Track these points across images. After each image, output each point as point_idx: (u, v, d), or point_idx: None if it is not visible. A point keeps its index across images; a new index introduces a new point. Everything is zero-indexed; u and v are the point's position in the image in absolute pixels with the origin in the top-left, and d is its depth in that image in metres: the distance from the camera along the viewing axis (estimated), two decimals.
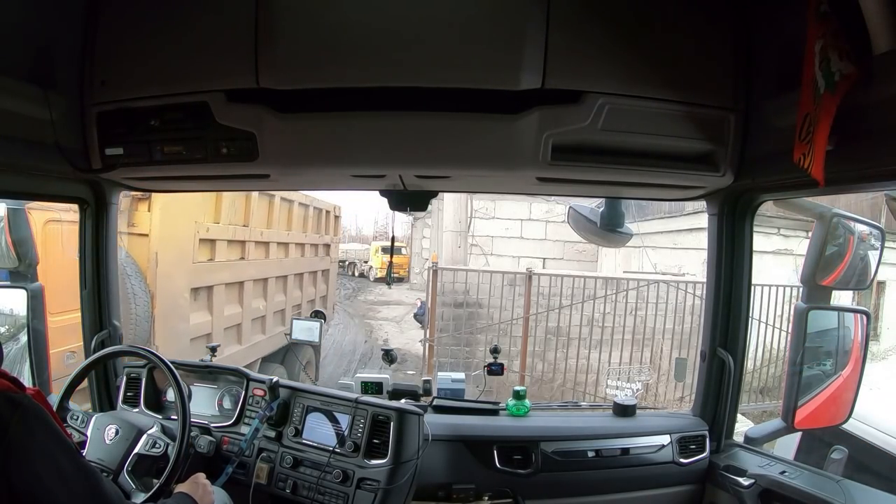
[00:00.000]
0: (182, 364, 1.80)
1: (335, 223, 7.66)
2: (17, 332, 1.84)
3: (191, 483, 1.33)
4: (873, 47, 0.95)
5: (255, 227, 4.96)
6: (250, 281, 4.94)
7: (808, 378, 1.65)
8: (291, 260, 5.93)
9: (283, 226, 5.68)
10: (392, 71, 1.19)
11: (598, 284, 5.86)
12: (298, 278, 6.26)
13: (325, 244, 7.18)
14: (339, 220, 7.85)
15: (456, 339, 6.17)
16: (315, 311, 1.99)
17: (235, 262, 4.70)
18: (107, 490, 0.99)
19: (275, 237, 5.41)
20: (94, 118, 1.38)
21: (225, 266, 4.51)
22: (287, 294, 5.86)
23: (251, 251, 4.94)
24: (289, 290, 5.92)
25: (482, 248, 9.21)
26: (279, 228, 5.53)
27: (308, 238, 6.47)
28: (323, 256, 7.18)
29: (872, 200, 5.84)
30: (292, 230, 5.89)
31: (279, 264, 5.60)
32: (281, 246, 5.63)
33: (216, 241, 4.34)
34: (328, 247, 7.37)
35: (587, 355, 5.75)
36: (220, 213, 4.41)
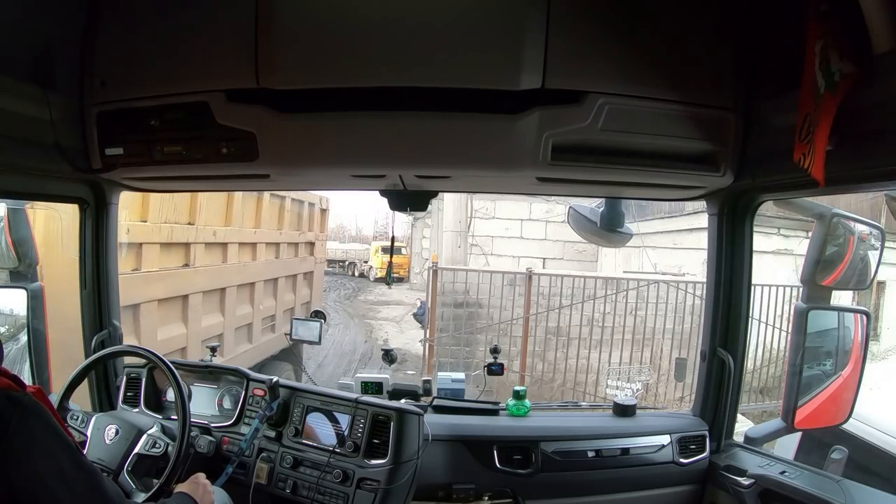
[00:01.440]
0: (182, 364, 1.80)
1: (321, 217, 6.75)
2: (17, 331, 1.84)
3: (191, 483, 1.33)
4: (873, 47, 0.95)
5: (206, 225, 4.10)
6: (198, 293, 4.10)
7: (808, 378, 1.65)
8: (260, 264, 5.10)
9: (249, 222, 4.89)
10: (392, 71, 1.19)
11: (598, 284, 5.86)
12: (271, 284, 5.43)
13: (307, 242, 6.34)
14: (325, 214, 6.91)
15: (456, 339, 6.17)
16: (315, 311, 1.98)
17: (175, 270, 3.86)
18: (107, 489, 0.98)
19: (235, 237, 4.56)
20: (94, 118, 1.38)
21: (157, 277, 3.62)
22: (255, 305, 5.02)
23: (199, 255, 4.07)
24: (257, 299, 5.07)
25: (482, 248, 9.20)
26: (244, 226, 4.75)
27: (284, 236, 5.64)
28: (305, 257, 6.30)
29: (872, 200, 5.84)
30: (261, 227, 5.08)
31: (241, 270, 4.71)
32: (245, 247, 4.79)
33: (143, 246, 3.50)
34: (312, 245, 6.50)
35: (587, 355, 5.74)
36: (149, 208, 3.56)
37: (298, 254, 6.15)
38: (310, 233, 6.42)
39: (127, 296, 3.03)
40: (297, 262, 6.12)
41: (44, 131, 1.30)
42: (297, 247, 6.09)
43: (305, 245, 6.32)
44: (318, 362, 7.84)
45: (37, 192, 1.63)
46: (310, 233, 6.42)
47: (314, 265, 6.71)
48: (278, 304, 5.56)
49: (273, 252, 5.44)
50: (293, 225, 5.93)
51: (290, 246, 5.87)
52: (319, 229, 6.81)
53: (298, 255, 6.14)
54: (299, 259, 6.16)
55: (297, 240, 6.07)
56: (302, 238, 6.18)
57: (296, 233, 6.02)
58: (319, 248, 6.92)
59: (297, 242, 6.06)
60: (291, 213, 5.83)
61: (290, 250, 5.90)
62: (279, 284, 5.59)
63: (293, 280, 6.03)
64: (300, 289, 6.24)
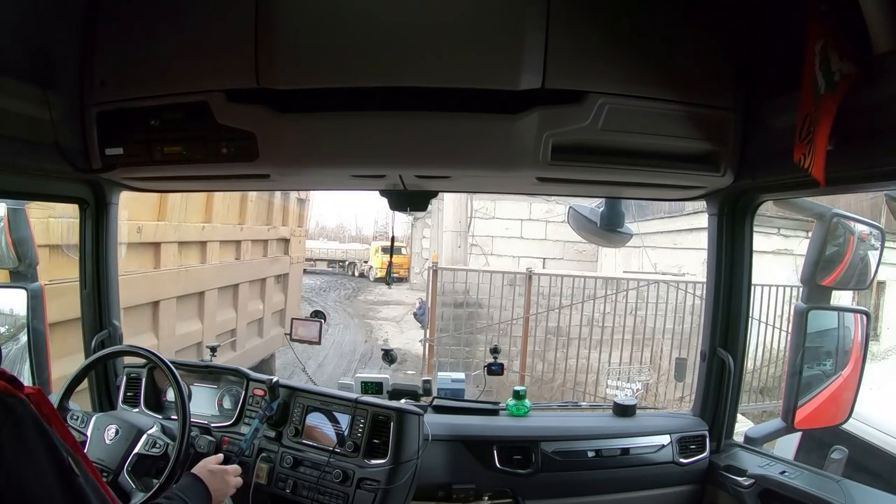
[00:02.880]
0: (182, 364, 1.80)
1: (299, 210, 5.84)
2: (16, 332, 1.84)
3: (209, 472, 1.30)
4: (873, 47, 0.95)
5: (132, 218, 3.23)
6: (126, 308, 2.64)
7: (808, 378, 1.65)
8: (213, 268, 4.11)
9: (198, 216, 3.93)
10: (392, 71, 1.19)
11: (598, 284, 5.86)
12: (228, 293, 4.43)
13: (279, 239, 5.42)
14: (305, 206, 5.99)
15: (456, 339, 6.17)
16: (315, 311, 1.98)
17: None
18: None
19: (172, 235, 3.59)
20: (94, 118, 1.38)
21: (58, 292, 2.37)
22: (205, 319, 4.03)
23: (128, 258, 3.21)
24: (208, 311, 4.08)
25: (482, 248, 9.20)
26: (186, 220, 3.78)
27: (247, 232, 4.66)
28: (276, 256, 5.36)
29: (872, 200, 5.83)
30: (213, 222, 4.12)
31: (184, 277, 3.66)
32: (190, 246, 3.80)
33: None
34: (286, 242, 5.58)
35: (587, 355, 5.74)
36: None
37: (268, 253, 5.22)
38: (283, 228, 5.48)
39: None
40: (266, 264, 5.18)
41: (44, 131, 1.30)
42: (266, 245, 5.17)
43: (277, 242, 5.41)
44: (318, 362, 7.84)
45: (37, 192, 1.63)
46: (283, 228, 5.48)
47: (289, 266, 5.69)
48: (240, 316, 4.49)
49: (232, 252, 4.48)
50: (260, 218, 5.00)
51: (255, 244, 4.93)
52: (297, 223, 5.85)
53: (268, 255, 5.22)
54: (269, 260, 5.24)
55: (266, 236, 5.15)
56: (272, 234, 5.26)
57: (264, 228, 5.09)
58: (297, 245, 5.88)
59: (265, 239, 5.14)
60: (257, 203, 4.85)
61: (255, 249, 4.97)
62: (240, 292, 4.55)
63: (260, 285, 5.06)
64: (271, 295, 5.28)
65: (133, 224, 3.33)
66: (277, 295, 5.50)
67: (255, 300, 4.98)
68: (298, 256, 6.13)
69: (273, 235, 5.29)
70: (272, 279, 5.31)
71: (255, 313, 4.97)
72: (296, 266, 6.02)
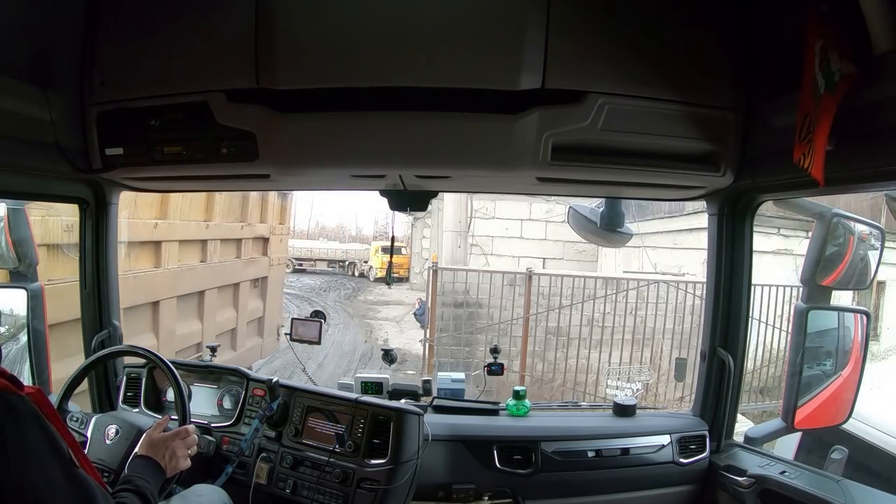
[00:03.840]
0: (182, 364, 1.80)
1: (280, 204, 5.23)
2: (16, 331, 1.84)
3: (149, 444, 1.24)
4: (873, 47, 0.95)
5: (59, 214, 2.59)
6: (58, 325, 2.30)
7: (808, 378, 1.65)
8: (170, 272, 3.46)
9: (152, 211, 3.35)
10: (392, 71, 1.19)
11: (598, 284, 5.86)
12: (193, 300, 3.81)
13: (256, 238, 4.83)
14: (287, 200, 5.41)
15: (456, 339, 6.16)
16: (315, 311, 1.98)
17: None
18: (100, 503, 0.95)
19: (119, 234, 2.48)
20: (94, 118, 1.38)
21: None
22: (161, 332, 3.38)
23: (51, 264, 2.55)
24: (166, 323, 3.43)
25: (482, 248, 9.20)
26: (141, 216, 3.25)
27: (215, 230, 4.04)
28: (253, 258, 4.77)
29: (872, 200, 5.83)
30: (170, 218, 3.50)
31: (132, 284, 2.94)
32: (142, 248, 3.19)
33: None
34: (265, 242, 5.01)
35: (587, 355, 5.74)
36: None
37: (241, 253, 4.58)
38: (261, 225, 4.87)
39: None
40: (239, 266, 4.52)
41: (44, 131, 1.30)
42: (240, 244, 4.55)
43: (254, 241, 4.80)
44: (318, 362, 7.84)
45: (37, 192, 1.63)
46: (261, 225, 4.87)
47: (268, 268, 5.08)
48: (207, 327, 3.88)
49: (197, 252, 3.87)
50: (233, 214, 4.35)
51: (226, 244, 4.26)
52: (278, 220, 5.25)
53: (241, 256, 4.58)
54: (243, 262, 4.58)
55: (240, 234, 4.51)
56: (247, 232, 4.62)
57: (237, 225, 4.45)
58: (278, 245, 5.28)
59: (238, 238, 4.51)
60: (229, 197, 4.21)
61: (226, 250, 4.30)
62: (207, 299, 3.93)
63: (233, 291, 4.40)
64: (247, 301, 4.61)
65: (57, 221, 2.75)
66: (254, 301, 4.84)
67: (226, 308, 4.32)
68: (280, 257, 5.48)
69: (248, 234, 4.67)
70: (247, 283, 4.66)
71: (226, 323, 4.35)
72: (276, 268, 5.34)
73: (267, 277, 5.10)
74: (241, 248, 4.62)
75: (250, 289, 4.78)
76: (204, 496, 1.44)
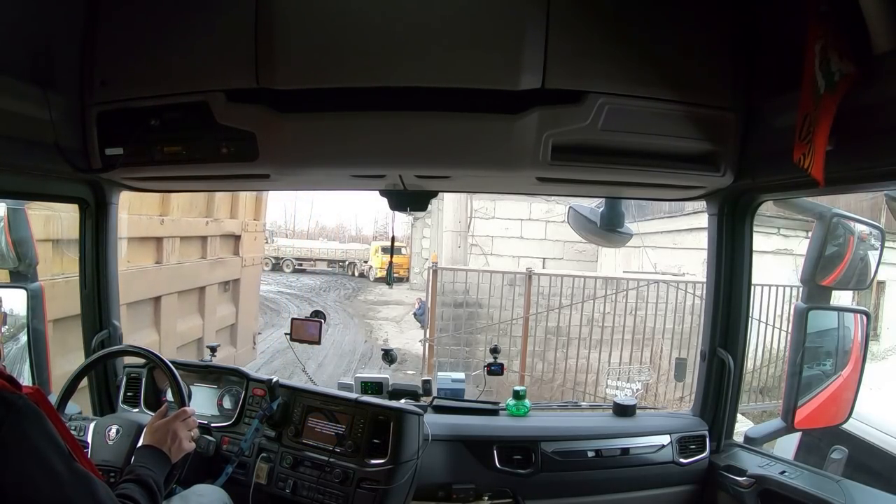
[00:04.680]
0: (182, 364, 1.80)
1: (255, 198, 4.72)
2: (16, 331, 1.84)
3: (151, 433, 1.24)
4: (873, 47, 0.95)
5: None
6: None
7: (808, 378, 1.65)
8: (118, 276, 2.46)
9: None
10: (392, 71, 1.19)
11: (598, 284, 5.86)
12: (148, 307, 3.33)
13: (225, 235, 4.28)
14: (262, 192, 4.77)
15: (456, 339, 6.16)
16: (315, 311, 1.98)
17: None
18: (101, 495, 0.95)
19: (51, 230, 2.59)
20: (94, 118, 1.38)
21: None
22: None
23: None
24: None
25: (482, 248, 9.20)
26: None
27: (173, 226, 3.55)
28: (222, 258, 4.24)
29: (872, 200, 5.83)
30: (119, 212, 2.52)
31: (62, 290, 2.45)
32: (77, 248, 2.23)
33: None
34: (236, 239, 4.45)
35: (587, 355, 5.74)
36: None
37: (207, 253, 4.01)
38: (230, 221, 4.31)
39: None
40: (205, 268, 3.97)
41: (44, 131, 1.30)
42: (206, 243, 4.00)
43: (222, 239, 4.23)
44: (318, 362, 7.84)
45: (37, 192, 1.63)
46: (230, 221, 4.31)
47: (241, 269, 4.52)
48: (165, 338, 3.45)
49: (150, 252, 3.41)
50: (196, 208, 3.87)
51: (188, 242, 3.75)
52: (251, 215, 4.69)
53: (207, 256, 4.01)
54: (209, 263, 4.00)
55: (205, 231, 3.96)
56: (214, 229, 4.05)
57: (200, 221, 3.91)
58: (252, 243, 4.68)
59: (203, 236, 3.96)
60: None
61: (188, 249, 3.79)
62: (164, 306, 3.45)
63: (197, 296, 3.90)
64: (216, 307, 4.08)
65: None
66: (225, 307, 4.26)
67: (190, 316, 3.83)
68: (254, 257, 4.83)
69: (215, 231, 4.07)
70: (215, 287, 4.10)
71: (190, 332, 3.85)
72: (250, 269, 4.72)
73: (239, 280, 4.52)
74: (207, 247, 4.04)
75: (219, 293, 4.22)
76: (204, 496, 1.44)
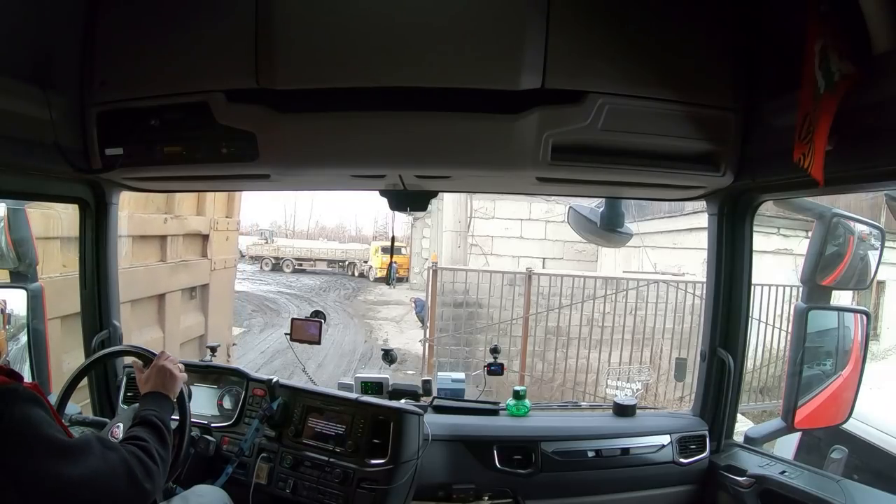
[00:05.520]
0: (182, 364, 1.79)
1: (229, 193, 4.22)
2: (17, 331, 1.84)
3: (144, 382, 1.31)
4: (873, 47, 0.95)
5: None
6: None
7: (808, 378, 1.65)
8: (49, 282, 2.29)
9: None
10: (392, 71, 1.19)
11: (597, 284, 5.85)
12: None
13: (190, 234, 3.88)
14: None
15: (456, 339, 6.16)
16: (315, 311, 1.98)
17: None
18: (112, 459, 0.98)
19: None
20: (94, 118, 1.38)
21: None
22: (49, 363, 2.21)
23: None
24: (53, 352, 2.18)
25: (482, 248, 9.20)
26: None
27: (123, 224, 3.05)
28: (186, 260, 3.82)
29: (872, 200, 5.83)
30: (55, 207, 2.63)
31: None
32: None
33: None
34: (203, 239, 4.02)
35: (587, 355, 5.74)
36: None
37: (167, 255, 3.61)
38: (195, 218, 3.92)
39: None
40: (164, 272, 3.56)
41: (44, 131, 1.30)
42: (164, 243, 3.58)
43: (186, 240, 3.82)
44: (318, 362, 7.84)
45: (37, 192, 1.63)
46: (195, 218, 3.92)
47: (209, 273, 4.05)
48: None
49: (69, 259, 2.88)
50: (151, 203, 3.49)
51: (142, 242, 3.38)
52: (222, 212, 4.24)
53: (167, 259, 3.61)
54: (169, 266, 3.60)
55: (163, 230, 3.55)
56: (175, 227, 3.66)
57: (157, 218, 3.52)
58: (222, 244, 4.20)
59: (162, 235, 3.55)
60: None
61: (144, 251, 3.43)
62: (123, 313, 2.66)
63: (157, 304, 3.52)
64: (179, 316, 3.71)
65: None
66: (190, 316, 3.83)
67: (147, 327, 3.43)
68: (227, 259, 4.28)
69: (176, 229, 3.64)
70: (177, 294, 3.67)
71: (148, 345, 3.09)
72: (222, 273, 4.17)
73: (208, 286, 4.03)
74: (167, 249, 3.60)
75: (183, 301, 3.76)
76: (204, 496, 1.44)
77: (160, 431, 1.14)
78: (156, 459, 1.05)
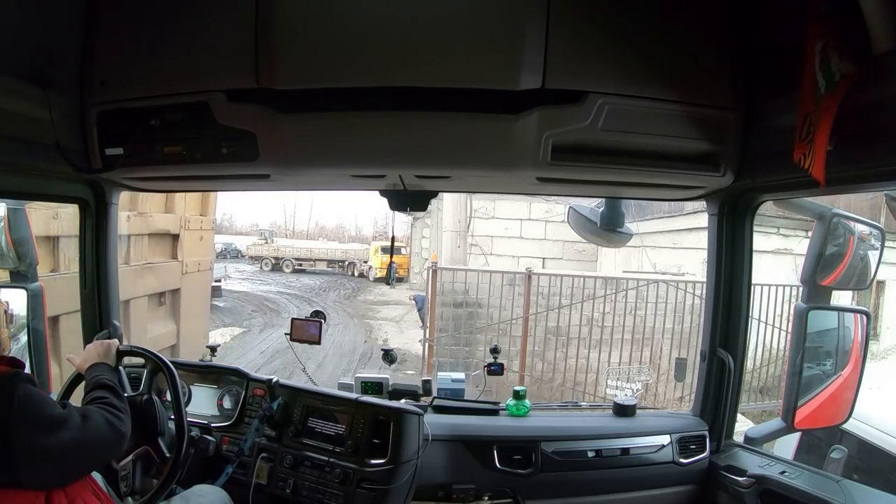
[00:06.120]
0: (182, 364, 1.80)
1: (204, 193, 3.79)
2: (17, 331, 1.84)
3: (83, 361, 1.40)
4: (873, 47, 0.95)
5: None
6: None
7: (808, 378, 1.65)
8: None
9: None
10: (392, 71, 1.19)
11: (597, 284, 5.85)
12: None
13: (157, 234, 3.63)
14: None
15: (456, 339, 6.16)
16: (315, 311, 1.98)
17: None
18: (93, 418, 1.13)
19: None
20: (94, 118, 1.38)
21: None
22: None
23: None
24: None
25: (482, 248, 9.20)
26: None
27: (68, 222, 2.94)
28: (151, 263, 3.58)
29: (872, 200, 5.83)
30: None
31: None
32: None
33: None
34: (174, 239, 3.77)
35: (587, 355, 5.74)
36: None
37: (131, 257, 3.39)
38: (163, 216, 3.66)
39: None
40: (128, 275, 3.27)
41: (44, 131, 1.30)
42: (128, 243, 3.38)
43: (153, 240, 3.57)
44: (317, 362, 7.84)
45: (37, 192, 1.63)
46: (163, 216, 3.66)
47: (181, 277, 3.78)
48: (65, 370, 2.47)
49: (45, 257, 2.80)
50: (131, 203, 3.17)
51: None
52: (197, 210, 3.99)
53: (130, 262, 3.40)
54: (133, 269, 3.37)
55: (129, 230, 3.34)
56: (139, 226, 3.41)
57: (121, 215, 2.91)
58: (195, 244, 3.93)
59: (126, 235, 3.33)
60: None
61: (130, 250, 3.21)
62: (61, 326, 2.83)
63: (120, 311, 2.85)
64: (146, 325, 3.44)
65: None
66: (160, 324, 3.57)
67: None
68: (201, 262, 4.02)
69: (140, 228, 3.39)
70: (143, 300, 3.41)
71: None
72: (195, 277, 3.88)
73: (179, 290, 3.78)
74: (130, 249, 3.36)
75: (151, 307, 3.49)
76: (204, 496, 1.45)
77: (113, 389, 1.29)
78: (120, 409, 1.22)
